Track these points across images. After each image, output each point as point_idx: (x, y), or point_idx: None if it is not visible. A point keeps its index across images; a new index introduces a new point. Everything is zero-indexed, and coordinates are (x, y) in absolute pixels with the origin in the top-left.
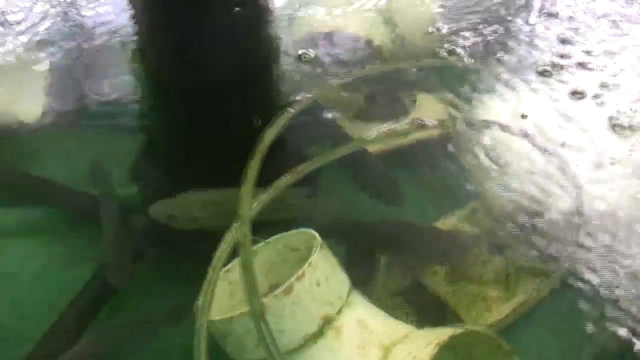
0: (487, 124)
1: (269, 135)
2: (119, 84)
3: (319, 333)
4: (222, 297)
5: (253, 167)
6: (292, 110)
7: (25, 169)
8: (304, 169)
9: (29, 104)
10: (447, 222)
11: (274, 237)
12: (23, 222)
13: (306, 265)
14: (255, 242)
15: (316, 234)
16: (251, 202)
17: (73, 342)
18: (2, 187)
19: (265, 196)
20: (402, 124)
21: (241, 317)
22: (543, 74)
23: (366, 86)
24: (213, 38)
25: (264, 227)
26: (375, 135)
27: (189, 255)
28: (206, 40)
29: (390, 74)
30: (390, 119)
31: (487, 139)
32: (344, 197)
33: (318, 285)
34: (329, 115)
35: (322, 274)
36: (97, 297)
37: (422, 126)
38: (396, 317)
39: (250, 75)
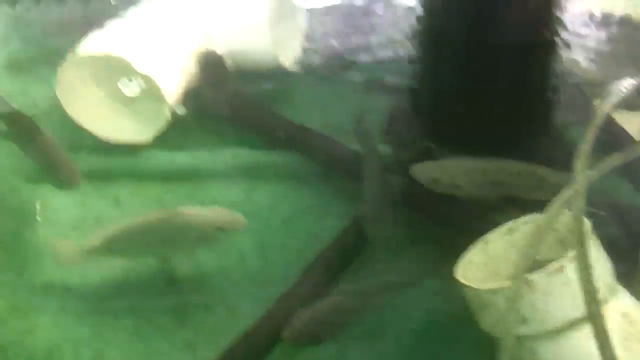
0: None
1: (603, 109)
2: (383, 41)
3: (582, 320)
4: (479, 268)
5: (587, 142)
6: (626, 88)
7: (279, 113)
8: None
9: (291, 49)
10: None
11: (534, 215)
12: (276, 166)
13: None
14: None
15: (587, 220)
16: (584, 177)
17: (320, 293)
18: (258, 129)
19: (594, 173)
20: None
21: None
22: None
23: None
24: (506, 5)
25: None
26: None
27: (440, 220)
28: (498, 6)
29: None
30: None
31: None
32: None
33: None
34: None
35: (594, 262)
36: (348, 250)
37: None
38: None
39: (539, 43)
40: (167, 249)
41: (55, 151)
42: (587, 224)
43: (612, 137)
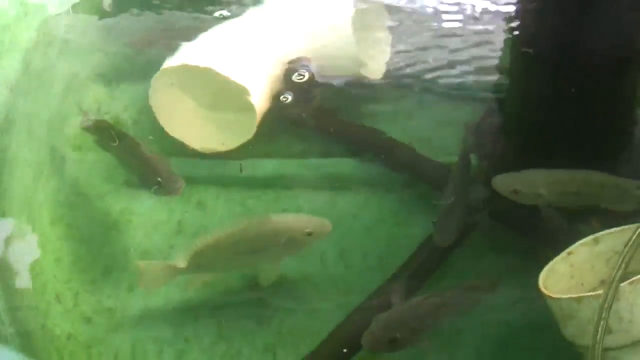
0: None
1: None
2: (466, 56)
3: None
4: (562, 278)
5: None
6: None
7: (363, 122)
8: None
9: (375, 61)
10: None
11: (621, 227)
12: (360, 175)
13: None
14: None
15: None
16: None
17: (405, 298)
18: (342, 137)
19: None
20: None
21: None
22: None
23: None
24: (600, 20)
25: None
26: None
27: (523, 230)
28: (591, 20)
29: None
30: None
31: None
32: None
33: None
34: None
35: None
36: (432, 258)
37: None
38: None
39: (630, 57)
40: (256, 258)
41: (154, 159)
42: None
43: None
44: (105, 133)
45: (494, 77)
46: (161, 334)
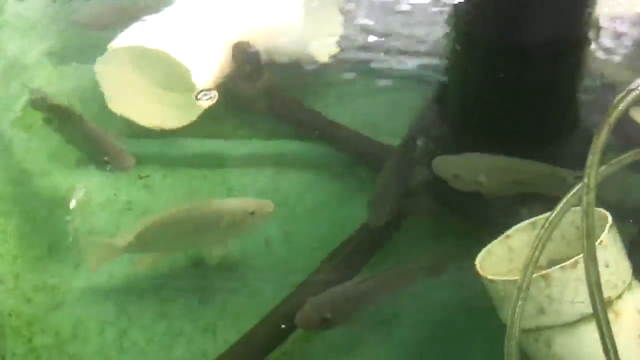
0: None
1: (620, 108)
2: (419, 36)
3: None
4: (500, 261)
5: (602, 138)
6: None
7: (309, 105)
8: None
9: (324, 43)
10: None
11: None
12: (304, 157)
13: (597, 242)
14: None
15: (608, 214)
16: (597, 172)
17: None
18: (290, 119)
19: (604, 169)
20: None
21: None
22: None
23: None
24: (538, 5)
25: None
26: None
27: (465, 213)
28: (530, 7)
29: None
30: None
31: None
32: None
33: (607, 266)
34: None
35: (611, 256)
36: (370, 241)
37: None
38: None
39: (568, 45)
40: (199, 240)
41: (102, 136)
42: (609, 218)
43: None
44: (53, 111)
45: (443, 61)
46: (104, 313)
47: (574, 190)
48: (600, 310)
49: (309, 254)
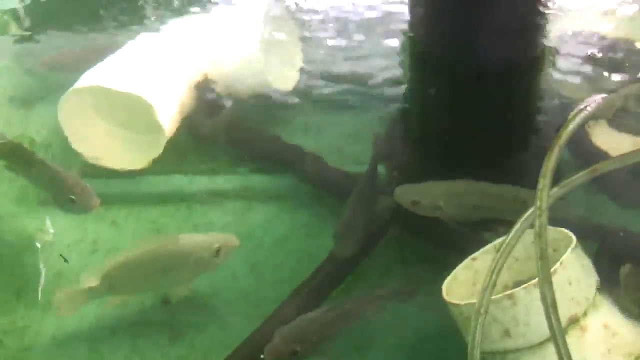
0: None
1: (568, 131)
2: (375, 66)
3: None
4: (465, 285)
5: (551, 160)
6: (589, 109)
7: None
8: (601, 168)
9: (286, 74)
10: None
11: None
12: (270, 188)
13: (558, 263)
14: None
15: (571, 234)
16: (548, 195)
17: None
18: (253, 153)
19: (556, 190)
20: None
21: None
22: None
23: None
24: (492, 27)
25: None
26: None
27: (429, 239)
28: (484, 29)
29: None
30: None
31: None
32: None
33: (569, 284)
34: None
35: (574, 274)
36: (338, 270)
37: None
38: None
39: (525, 68)
40: (166, 281)
41: (66, 176)
42: (573, 237)
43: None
44: (14, 156)
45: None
46: (76, 353)
47: (527, 214)
48: (557, 332)
49: (277, 285)
